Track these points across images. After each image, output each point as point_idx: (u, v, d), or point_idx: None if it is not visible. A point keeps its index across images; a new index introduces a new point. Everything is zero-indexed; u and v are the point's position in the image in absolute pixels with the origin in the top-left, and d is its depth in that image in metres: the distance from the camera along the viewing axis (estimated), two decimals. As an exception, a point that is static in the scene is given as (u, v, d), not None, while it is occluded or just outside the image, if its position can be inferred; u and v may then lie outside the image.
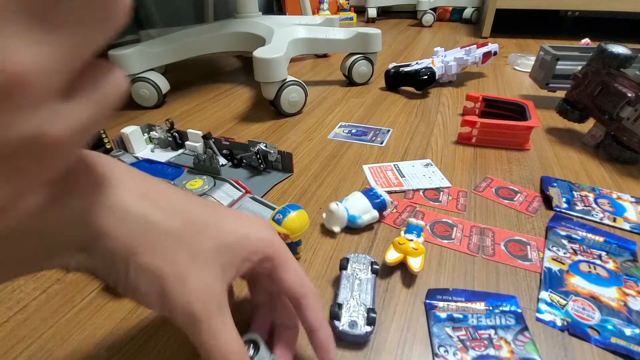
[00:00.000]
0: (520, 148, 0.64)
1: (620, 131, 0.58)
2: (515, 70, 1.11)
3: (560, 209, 0.48)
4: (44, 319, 0.35)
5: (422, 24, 1.90)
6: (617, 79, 0.59)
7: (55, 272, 0.40)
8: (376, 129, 0.74)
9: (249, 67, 0.79)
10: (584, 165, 0.59)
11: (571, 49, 0.81)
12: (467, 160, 0.61)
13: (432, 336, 0.32)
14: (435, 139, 0.69)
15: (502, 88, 0.95)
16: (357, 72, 0.98)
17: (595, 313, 0.34)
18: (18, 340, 0.33)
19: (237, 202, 0.47)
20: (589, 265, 0.40)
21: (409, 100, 0.89)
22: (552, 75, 0.79)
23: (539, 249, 0.42)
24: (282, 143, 0.69)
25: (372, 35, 0.93)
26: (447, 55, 0.97)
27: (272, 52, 0.73)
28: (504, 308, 0.35)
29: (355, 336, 0.31)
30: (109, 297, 0.37)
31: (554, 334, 0.33)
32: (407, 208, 0.50)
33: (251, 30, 0.92)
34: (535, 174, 0.57)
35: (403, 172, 0.58)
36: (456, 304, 0.35)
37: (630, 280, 0.38)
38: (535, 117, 0.64)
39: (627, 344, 0.31)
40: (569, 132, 0.71)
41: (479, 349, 0.31)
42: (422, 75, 0.88)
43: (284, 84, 0.76)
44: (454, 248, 0.43)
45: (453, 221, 0.47)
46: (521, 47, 1.40)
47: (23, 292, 0.38)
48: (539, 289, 0.37)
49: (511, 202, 0.50)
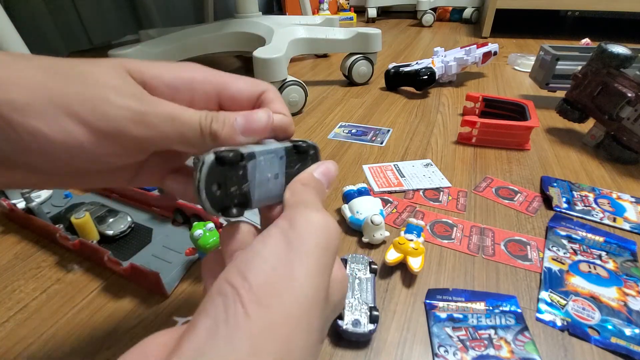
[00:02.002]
0: (520, 148, 0.64)
1: (620, 131, 0.58)
2: (515, 70, 1.11)
3: (560, 209, 0.48)
4: (44, 319, 0.35)
5: (422, 24, 1.90)
6: (617, 79, 0.59)
7: (55, 272, 0.41)
8: (376, 129, 0.74)
9: (249, 67, 0.79)
10: (584, 165, 0.59)
11: (571, 49, 0.81)
12: (467, 160, 0.61)
13: (432, 336, 0.32)
14: (435, 139, 0.69)
15: (502, 88, 0.95)
16: (357, 72, 0.98)
17: (595, 313, 0.34)
18: (18, 340, 0.33)
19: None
20: (589, 265, 0.40)
21: (409, 100, 0.89)
22: (552, 75, 0.79)
23: (539, 249, 0.42)
24: (282, 143, 0.69)
25: (372, 35, 0.93)
26: (447, 55, 0.97)
27: (272, 52, 0.73)
28: (504, 308, 0.35)
29: (359, 334, 0.31)
30: (109, 297, 0.37)
31: (554, 334, 0.33)
32: (407, 208, 0.50)
33: (251, 30, 0.92)
34: (535, 174, 0.57)
35: (403, 172, 0.58)
36: (456, 304, 0.35)
37: (630, 280, 0.38)
38: (535, 117, 0.64)
39: (627, 344, 0.31)
40: (569, 132, 0.71)
41: (479, 349, 0.31)
42: (422, 75, 0.88)
43: (284, 83, 0.76)
44: (454, 248, 0.43)
45: (453, 221, 0.47)
46: (521, 47, 1.40)
47: (23, 292, 0.38)
48: (539, 289, 0.37)
49: (511, 202, 0.50)
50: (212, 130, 0.18)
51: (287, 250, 0.16)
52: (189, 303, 0.36)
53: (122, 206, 0.49)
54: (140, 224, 0.46)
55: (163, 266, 0.39)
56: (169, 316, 0.35)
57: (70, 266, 0.41)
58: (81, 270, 0.41)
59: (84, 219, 0.41)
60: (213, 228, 0.38)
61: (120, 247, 0.43)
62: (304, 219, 0.18)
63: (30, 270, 0.41)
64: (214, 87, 0.20)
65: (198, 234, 0.37)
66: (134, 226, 0.45)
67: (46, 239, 0.45)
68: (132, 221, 0.45)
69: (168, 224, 0.46)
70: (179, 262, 0.40)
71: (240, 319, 0.14)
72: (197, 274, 0.40)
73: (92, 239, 0.42)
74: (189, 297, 0.37)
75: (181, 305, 0.36)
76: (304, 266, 0.16)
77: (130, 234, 0.44)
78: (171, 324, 0.34)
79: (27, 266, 0.42)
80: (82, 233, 0.41)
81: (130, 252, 0.42)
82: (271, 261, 0.16)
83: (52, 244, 0.44)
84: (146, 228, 0.45)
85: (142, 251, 0.42)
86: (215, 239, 0.37)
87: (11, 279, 0.40)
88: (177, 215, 0.46)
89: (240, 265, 0.16)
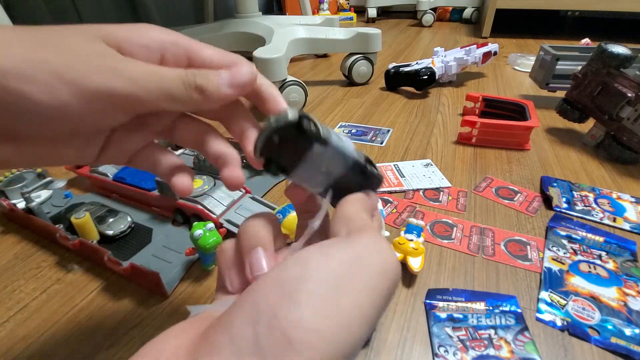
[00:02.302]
0: (520, 148, 0.64)
1: (620, 131, 0.58)
2: (515, 70, 1.11)
3: (560, 209, 0.48)
4: (44, 319, 0.35)
5: (422, 24, 1.90)
6: (617, 79, 0.59)
7: (55, 272, 0.41)
8: (376, 129, 0.74)
9: (249, 67, 0.79)
10: (584, 165, 0.59)
11: (571, 49, 0.81)
12: (467, 160, 0.61)
13: (432, 336, 0.32)
14: (435, 139, 0.69)
15: (502, 88, 0.95)
16: (357, 72, 0.98)
17: (595, 313, 0.34)
18: (18, 340, 0.33)
19: (237, 202, 0.47)
20: (589, 265, 0.40)
21: (409, 100, 0.89)
22: (552, 75, 0.79)
23: (539, 249, 0.42)
24: (282, 143, 0.69)
25: (372, 35, 0.93)
26: (447, 55, 0.97)
27: (272, 52, 0.73)
28: (504, 308, 0.35)
29: None
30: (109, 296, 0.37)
31: (554, 334, 0.33)
32: (407, 208, 0.50)
33: (251, 30, 0.92)
34: (535, 174, 0.57)
35: (403, 172, 0.58)
36: (456, 304, 0.35)
37: (630, 280, 0.38)
38: (535, 117, 0.64)
39: (627, 344, 0.31)
40: (569, 132, 0.71)
41: (479, 349, 0.31)
42: (422, 75, 0.88)
43: (284, 83, 0.76)
44: (454, 248, 0.43)
45: (453, 221, 0.47)
46: (521, 47, 1.40)
47: (23, 292, 0.38)
48: (539, 289, 0.37)
49: (511, 202, 0.50)
50: (197, 85, 0.19)
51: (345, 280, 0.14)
52: (189, 303, 0.36)
53: (122, 206, 0.49)
54: (140, 224, 0.46)
55: (163, 266, 0.39)
56: (169, 316, 0.35)
57: (70, 266, 0.41)
58: (81, 270, 0.41)
59: (84, 219, 0.41)
60: (213, 228, 0.38)
61: (120, 247, 0.43)
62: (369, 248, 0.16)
63: (30, 270, 0.41)
64: (184, 50, 0.20)
65: (198, 234, 0.37)
66: (134, 226, 0.45)
67: (46, 239, 0.45)
68: (132, 221, 0.45)
69: (168, 224, 0.46)
70: (179, 262, 0.40)
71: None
72: (197, 274, 0.40)
73: (92, 239, 0.42)
74: (189, 297, 0.37)
75: (181, 305, 0.36)
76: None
77: (130, 234, 0.44)
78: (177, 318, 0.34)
79: (27, 266, 0.42)
80: (82, 233, 0.41)
81: (130, 252, 0.42)
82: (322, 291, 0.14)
83: (52, 244, 0.44)
84: (146, 228, 0.45)
85: (142, 251, 0.42)
86: (215, 239, 0.37)
87: (11, 279, 0.40)
88: (177, 215, 0.46)
89: (285, 286, 0.14)
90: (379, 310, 0.15)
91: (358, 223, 0.18)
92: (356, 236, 0.17)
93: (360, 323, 0.14)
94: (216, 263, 0.21)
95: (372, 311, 0.14)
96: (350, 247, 0.16)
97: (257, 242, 0.19)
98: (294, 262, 0.15)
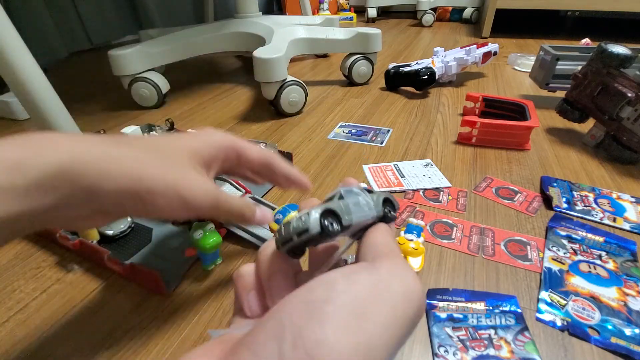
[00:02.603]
0: (520, 148, 0.64)
1: (620, 131, 0.58)
2: (515, 70, 1.11)
3: (560, 209, 0.48)
4: (44, 319, 0.35)
5: (422, 24, 1.90)
6: (617, 79, 0.59)
7: (55, 272, 0.41)
8: (376, 129, 0.74)
9: (249, 67, 0.79)
10: (584, 165, 0.59)
11: (571, 49, 0.81)
12: (467, 160, 0.61)
13: (432, 336, 0.32)
14: (435, 139, 0.69)
15: (502, 88, 0.95)
16: (357, 72, 0.98)
17: (595, 313, 0.34)
18: (18, 340, 0.33)
19: (237, 202, 0.46)
20: (589, 265, 0.40)
21: (409, 100, 0.89)
22: (552, 75, 0.79)
23: (539, 249, 0.42)
24: (282, 143, 0.69)
25: (372, 35, 0.93)
26: (447, 55, 0.97)
27: (272, 52, 0.73)
28: (504, 308, 0.35)
29: None
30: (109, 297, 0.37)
31: (554, 334, 0.33)
32: (407, 208, 0.50)
33: (251, 30, 0.92)
34: (535, 174, 0.57)
35: (403, 172, 0.58)
36: (456, 304, 0.35)
37: (630, 280, 0.38)
38: (535, 117, 0.64)
39: (627, 344, 0.31)
40: (569, 132, 0.71)
41: (479, 349, 0.31)
42: (422, 75, 0.88)
43: (284, 84, 0.76)
44: (454, 248, 0.43)
45: (453, 221, 0.47)
46: (521, 47, 1.40)
47: (23, 292, 0.38)
48: (539, 289, 0.37)
49: (511, 202, 0.50)
50: (245, 217, 0.29)
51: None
52: (189, 303, 0.36)
53: (122, 206, 0.49)
54: (140, 224, 0.46)
55: (163, 266, 0.39)
56: (169, 316, 0.35)
57: (70, 266, 0.41)
58: (81, 270, 0.41)
59: (84, 219, 0.41)
60: (213, 228, 0.38)
61: (120, 247, 0.43)
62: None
63: (30, 270, 0.41)
64: (236, 151, 0.29)
65: (198, 234, 0.37)
66: (134, 226, 0.45)
67: (46, 239, 0.45)
68: (132, 221, 0.45)
69: (168, 224, 0.46)
70: (179, 262, 0.40)
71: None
72: (197, 274, 0.40)
73: (92, 239, 0.42)
74: (188, 297, 0.37)
75: (181, 305, 0.36)
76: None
77: (130, 234, 0.44)
78: (170, 324, 0.34)
79: (27, 266, 0.42)
80: (82, 233, 0.41)
81: (130, 252, 0.42)
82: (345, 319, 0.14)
83: (52, 244, 0.44)
84: (146, 228, 0.45)
85: (142, 251, 0.42)
86: (215, 239, 0.37)
87: (11, 279, 0.40)
88: (177, 215, 0.46)
89: (311, 311, 0.14)
90: (402, 336, 0.15)
91: (384, 249, 0.18)
92: (381, 262, 0.17)
93: (383, 347, 0.14)
94: (233, 288, 0.21)
95: (394, 336, 0.14)
96: (376, 273, 0.16)
97: (279, 268, 0.19)
98: (319, 284, 0.15)
